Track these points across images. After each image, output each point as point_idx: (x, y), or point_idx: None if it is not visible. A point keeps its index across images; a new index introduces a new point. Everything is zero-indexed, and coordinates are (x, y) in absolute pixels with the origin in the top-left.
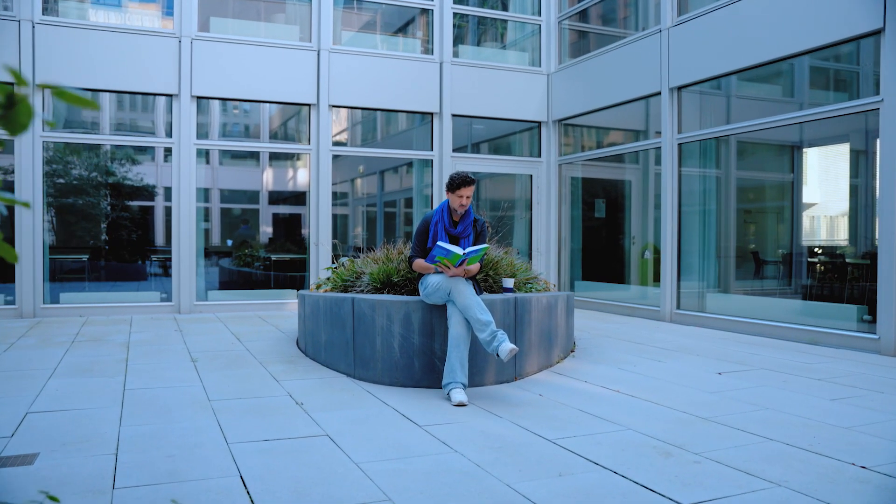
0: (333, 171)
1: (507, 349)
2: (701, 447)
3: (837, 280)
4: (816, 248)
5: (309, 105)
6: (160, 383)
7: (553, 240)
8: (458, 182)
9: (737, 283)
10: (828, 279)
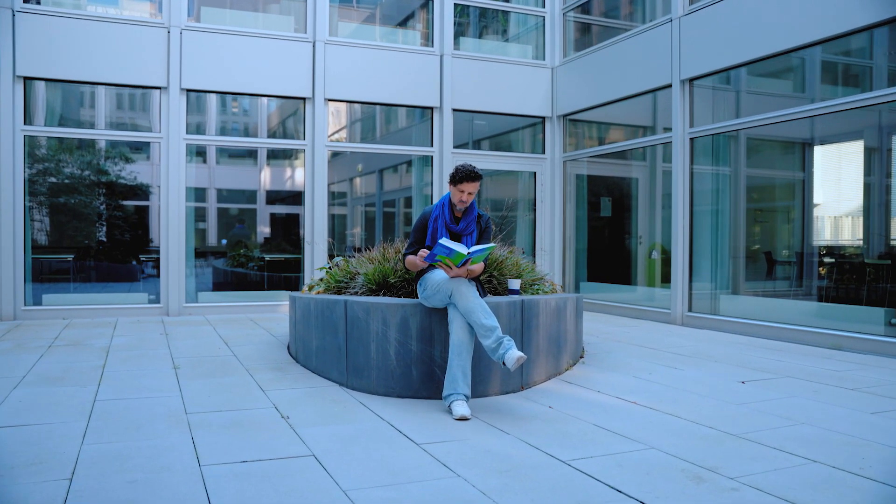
0: (331, 171)
1: (515, 357)
2: (736, 470)
3: (855, 281)
4: (830, 249)
5: (304, 99)
6: (135, 393)
7: (557, 239)
8: (462, 175)
9: (749, 285)
10: (845, 280)
